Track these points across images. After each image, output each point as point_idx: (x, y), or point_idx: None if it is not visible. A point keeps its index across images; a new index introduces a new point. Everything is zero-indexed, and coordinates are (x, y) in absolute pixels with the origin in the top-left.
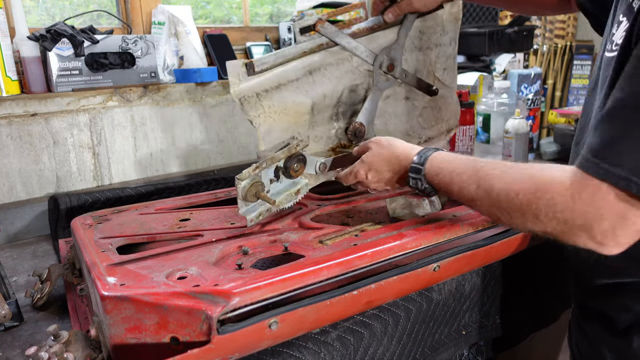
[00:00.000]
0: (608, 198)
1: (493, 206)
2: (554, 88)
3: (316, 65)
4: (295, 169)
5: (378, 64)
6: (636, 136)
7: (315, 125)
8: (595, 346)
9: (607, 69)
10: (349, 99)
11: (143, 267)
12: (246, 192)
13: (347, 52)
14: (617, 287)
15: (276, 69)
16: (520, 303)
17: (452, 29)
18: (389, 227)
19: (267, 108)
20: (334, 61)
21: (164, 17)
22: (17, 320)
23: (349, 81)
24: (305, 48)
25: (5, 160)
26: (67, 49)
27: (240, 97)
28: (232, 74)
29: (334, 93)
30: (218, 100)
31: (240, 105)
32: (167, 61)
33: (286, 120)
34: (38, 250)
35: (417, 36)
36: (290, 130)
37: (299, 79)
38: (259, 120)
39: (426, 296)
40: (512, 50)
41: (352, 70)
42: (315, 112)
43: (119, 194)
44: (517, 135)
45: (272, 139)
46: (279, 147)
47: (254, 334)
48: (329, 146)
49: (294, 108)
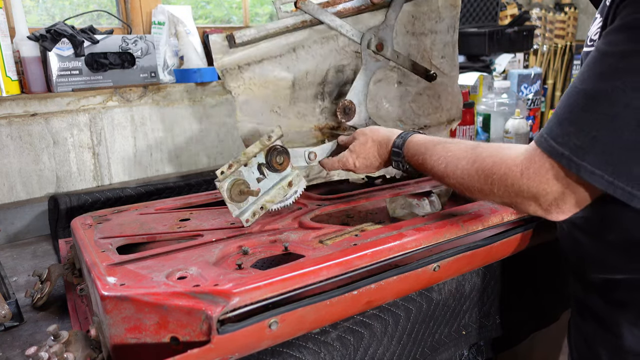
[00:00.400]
0: (550, 174)
1: (458, 182)
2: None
3: (300, 43)
4: (279, 161)
5: (366, 42)
6: (582, 120)
7: (298, 101)
8: (591, 345)
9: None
10: (336, 79)
11: (143, 267)
12: (230, 192)
13: (333, 32)
14: (612, 283)
15: (260, 44)
16: (520, 303)
17: (448, 15)
18: (389, 227)
19: (248, 80)
20: (319, 39)
21: (164, 17)
22: (17, 320)
23: (335, 61)
24: (288, 24)
25: (5, 160)
26: (67, 49)
27: (222, 69)
28: (215, 49)
29: (318, 71)
30: (218, 100)
31: (222, 77)
32: (167, 61)
33: (265, 93)
34: (38, 250)
35: (409, 21)
36: (269, 103)
37: (282, 55)
38: (238, 90)
39: (426, 296)
40: (512, 50)
41: (338, 50)
42: (296, 87)
43: (119, 194)
44: (517, 135)
45: (250, 110)
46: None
47: (254, 334)
48: (315, 124)
49: (274, 82)
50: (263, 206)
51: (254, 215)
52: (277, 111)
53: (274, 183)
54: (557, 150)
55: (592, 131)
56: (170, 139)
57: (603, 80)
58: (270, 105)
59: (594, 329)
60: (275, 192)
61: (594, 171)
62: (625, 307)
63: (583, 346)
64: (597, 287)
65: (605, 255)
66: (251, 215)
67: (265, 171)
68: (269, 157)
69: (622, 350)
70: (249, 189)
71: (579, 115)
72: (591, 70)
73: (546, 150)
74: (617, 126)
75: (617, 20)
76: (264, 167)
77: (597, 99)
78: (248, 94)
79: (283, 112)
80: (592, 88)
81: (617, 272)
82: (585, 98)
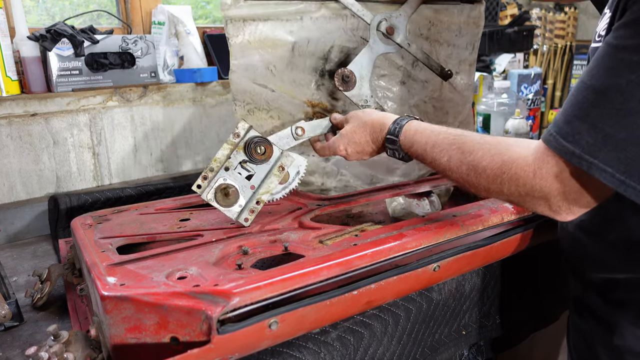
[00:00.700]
0: (563, 174)
1: (462, 178)
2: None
3: (308, 13)
4: (260, 152)
5: (376, 23)
6: (593, 116)
7: (295, 68)
8: (590, 344)
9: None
10: (338, 59)
11: (143, 267)
12: (216, 198)
13: (344, 11)
14: (611, 283)
15: (269, 4)
16: (520, 303)
17: (469, 32)
18: (389, 227)
19: (248, 33)
20: (328, 14)
21: (164, 17)
22: (17, 320)
23: (340, 40)
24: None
25: (5, 160)
26: (67, 49)
27: (227, 19)
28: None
29: (320, 44)
30: (218, 100)
31: (225, 26)
32: (167, 61)
33: (262, 47)
34: (38, 250)
35: (425, 25)
36: (265, 59)
37: (289, 20)
38: (235, 39)
39: (426, 296)
40: (512, 50)
41: (345, 30)
42: (295, 53)
43: (119, 194)
44: (517, 135)
45: (245, 61)
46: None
47: (254, 334)
48: (308, 99)
49: (274, 41)
50: (259, 200)
51: (252, 212)
52: (272, 70)
53: (265, 174)
54: (568, 149)
55: (604, 128)
56: (170, 139)
57: (615, 75)
58: (266, 62)
59: (593, 329)
60: (268, 181)
61: (605, 169)
62: (625, 307)
63: (582, 346)
64: (597, 286)
65: (606, 254)
66: (249, 213)
67: (251, 167)
68: (248, 151)
69: (621, 350)
70: (233, 187)
71: (589, 112)
72: (601, 66)
73: (556, 150)
74: (631, 121)
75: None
76: (247, 164)
77: (608, 94)
78: (244, 44)
79: (278, 74)
80: (603, 83)
81: (617, 272)
82: (595, 94)
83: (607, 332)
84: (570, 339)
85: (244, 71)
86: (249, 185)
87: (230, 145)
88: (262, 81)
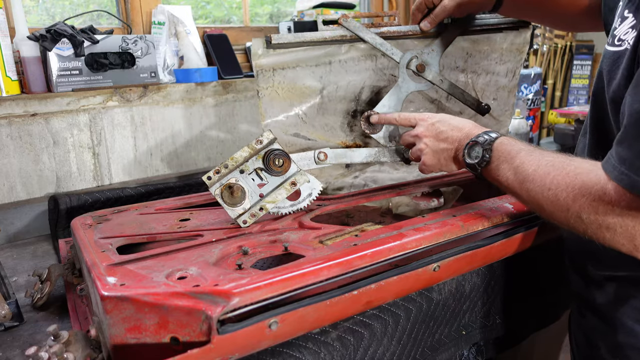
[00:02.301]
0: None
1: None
2: (554, 88)
3: (336, 56)
4: (278, 164)
5: (405, 60)
6: None
7: (326, 113)
8: (592, 341)
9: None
10: (369, 99)
11: (143, 267)
12: (222, 196)
13: (373, 51)
14: (613, 280)
15: (298, 51)
16: (520, 303)
17: (512, 59)
18: (389, 227)
19: (277, 83)
20: (356, 56)
21: (164, 17)
22: (17, 320)
23: (371, 80)
24: (327, 35)
25: (5, 160)
26: (67, 49)
27: (258, 70)
28: (255, 48)
29: (350, 87)
30: (218, 100)
31: (255, 76)
32: (167, 61)
33: (290, 97)
34: (38, 250)
35: (462, 57)
36: (295, 107)
37: (318, 65)
38: (264, 92)
39: (426, 296)
40: None
41: (375, 70)
42: (325, 98)
43: (119, 194)
44: (517, 135)
45: (274, 112)
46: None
47: (254, 334)
48: (343, 140)
49: (301, 89)
50: (262, 207)
51: (253, 216)
52: (303, 118)
53: (276, 186)
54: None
55: None
56: (170, 139)
57: None
58: (296, 110)
59: (594, 325)
60: (277, 192)
61: None
62: (626, 303)
63: (583, 342)
64: (599, 283)
65: (607, 251)
66: (249, 216)
67: (265, 176)
68: (267, 161)
69: (622, 346)
70: (240, 185)
71: None
72: None
73: (631, 188)
74: None
75: None
76: (262, 172)
77: None
78: (273, 96)
79: (309, 121)
80: None
81: (618, 269)
82: None
83: (609, 328)
84: (572, 336)
85: (274, 124)
86: (258, 192)
87: (250, 149)
88: (294, 130)
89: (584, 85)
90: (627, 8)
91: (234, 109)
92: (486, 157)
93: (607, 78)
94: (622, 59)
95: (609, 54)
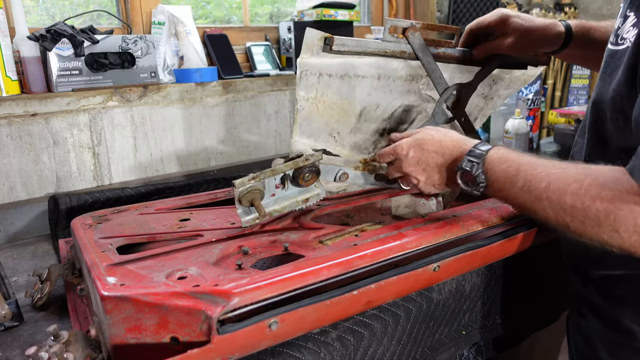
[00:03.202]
0: None
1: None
2: (554, 88)
3: (388, 73)
4: (306, 178)
5: (445, 96)
6: None
7: (358, 132)
8: (590, 341)
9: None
10: (399, 118)
11: (143, 267)
12: (242, 197)
13: (421, 72)
14: (610, 279)
15: (350, 58)
16: (520, 303)
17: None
18: (389, 227)
19: (319, 95)
20: (405, 75)
21: (164, 17)
22: (17, 320)
23: (408, 101)
24: (388, 48)
25: (5, 160)
26: (67, 49)
27: (302, 70)
28: (307, 44)
29: (389, 107)
30: (218, 100)
31: (298, 77)
32: (167, 61)
33: (329, 115)
34: (38, 250)
35: (489, 84)
36: (331, 126)
37: (365, 77)
38: (305, 104)
39: (426, 296)
40: None
41: (416, 91)
42: (362, 119)
43: (119, 194)
44: (517, 135)
45: (309, 129)
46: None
47: (254, 334)
48: (362, 157)
49: (342, 106)
50: (269, 214)
51: (255, 220)
52: (335, 137)
53: (291, 195)
54: None
55: None
56: (170, 138)
57: None
58: (330, 128)
59: (592, 325)
60: (288, 204)
61: None
62: (624, 303)
63: (581, 342)
64: (597, 283)
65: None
66: (252, 219)
67: (288, 184)
68: (297, 172)
69: (620, 346)
70: (260, 202)
71: None
72: None
73: None
74: None
75: None
76: (287, 179)
77: None
78: (312, 110)
79: (340, 140)
80: None
81: (617, 268)
82: None
83: (607, 328)
84: (570, 337)
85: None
86: (271, 192)
87: (294, 166)
88: (322, 146)
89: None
90: (628, 7)
91: (234, 109)
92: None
93: (608, 76)
94: (623, 57)
95: (611, 52)
